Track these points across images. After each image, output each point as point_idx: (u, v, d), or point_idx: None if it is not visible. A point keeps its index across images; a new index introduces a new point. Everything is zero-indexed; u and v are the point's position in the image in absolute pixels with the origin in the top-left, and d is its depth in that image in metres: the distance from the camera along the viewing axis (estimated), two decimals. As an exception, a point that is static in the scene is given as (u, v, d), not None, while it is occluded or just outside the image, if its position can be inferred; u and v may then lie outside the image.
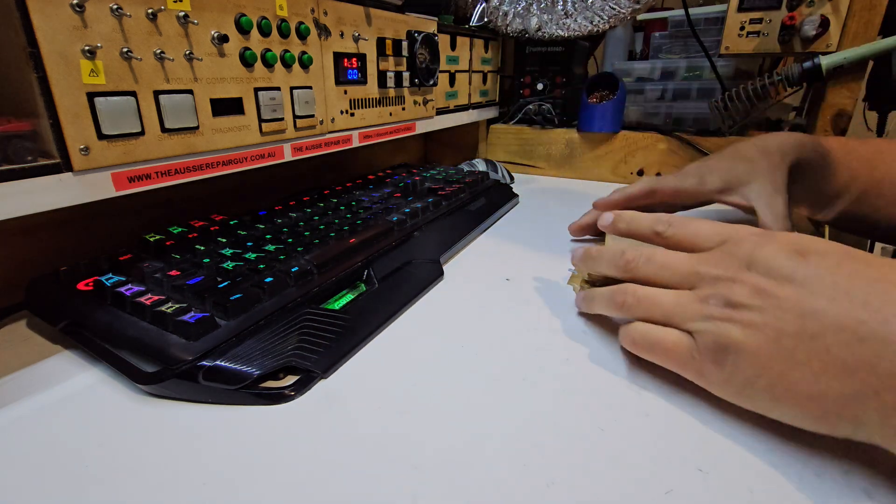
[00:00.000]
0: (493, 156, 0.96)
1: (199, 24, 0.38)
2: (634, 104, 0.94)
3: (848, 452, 0.25)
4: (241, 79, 0.42)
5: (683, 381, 0.30)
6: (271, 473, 0.24)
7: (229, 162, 0.42)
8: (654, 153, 0.83)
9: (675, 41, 0.94)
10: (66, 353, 0.35)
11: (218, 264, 0.38)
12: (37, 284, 0.38)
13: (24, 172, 0.30)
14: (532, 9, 0.80)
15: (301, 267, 0.38)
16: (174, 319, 0.31)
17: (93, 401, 0.30)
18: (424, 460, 0.25)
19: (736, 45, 0.75)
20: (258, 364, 0.30)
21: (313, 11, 0.48)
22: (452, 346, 0.35)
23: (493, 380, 0.32)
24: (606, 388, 0.31)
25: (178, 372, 0.29)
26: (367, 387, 0.31)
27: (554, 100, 0.92)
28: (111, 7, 0.32)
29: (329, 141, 0.53)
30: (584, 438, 0.27)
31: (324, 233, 0.46)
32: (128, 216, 0.51)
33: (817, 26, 0.68)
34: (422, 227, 0.52)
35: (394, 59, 0.60)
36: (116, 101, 0.33)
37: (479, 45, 0.85)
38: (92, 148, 0.33)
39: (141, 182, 0.36)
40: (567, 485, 0.24)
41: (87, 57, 0.31)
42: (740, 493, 0.23)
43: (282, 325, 0.34)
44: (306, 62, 0.47)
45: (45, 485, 0.24)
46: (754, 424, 0.27)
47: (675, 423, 0.28)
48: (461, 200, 0.63)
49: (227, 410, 0.29)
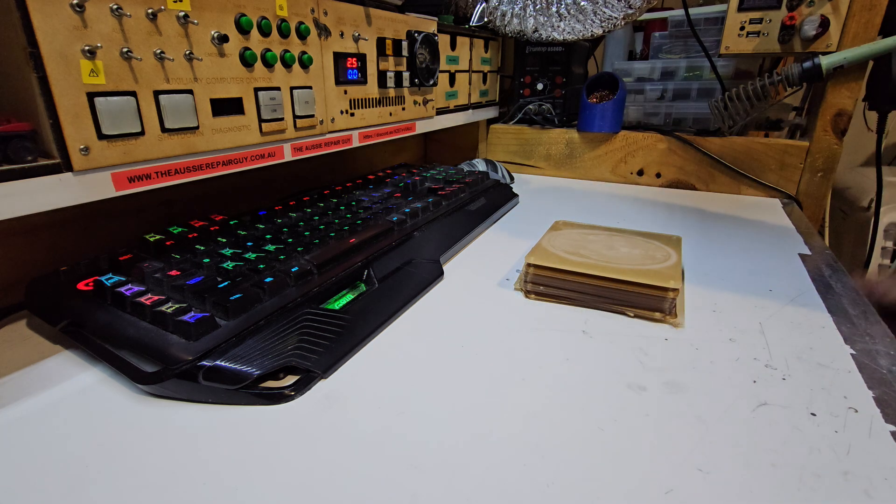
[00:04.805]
0: (493, 156, 0.96)
1: (199, 24, 0.38)
2: (634, 104, 0.94)
3: (848, 452, 0.25)
4: (241, 79, 0.42)
5: (683, 382, 0.30)
6: (271, 473, 0.24)
7: (229, 162, 0.42)
8: (654, 153, 0.83)
9: (675, 41, 0.94)
10: (66, 353, 0.35)
11: (218, 264, 0.38)
12: (37, 284, 0.38)
13: (24, 172, 0.30)
14: (528, 10, 0.80)
15: (301, 267, 0.38)
16: (174, 319, 0.31)
17: (93, 401, 0.30)
18: (424, 460, 0.25)
19: (736, 45, 0.75)
20: (258, 364, 0.30)
21: (313, 11, 0.48)
22: (452, 346, 0.35)
23: (492, 380, 0.32)
24: (606, 388, 0.31)
25: (178, 372, 0.29)
26: (366, 387, 0.31)
27: (554, 100, 0.92)
28: (111, 7, 0.32)
29: (329, 141, 0.53)
30: (584, 438, 0.27)
31: (324, 233, 0.46)
32: (128, 216, 0.51)
33: (817, 26, 0.68)
34: (422, 227, 0.52)
35: (394, 59, 0.60)
36: (116, 101, 0.33)
37: (478, 45, 0.85)
38: (92, 148, 0.33)
39: (141, 182, 0.36)
40: (567, 485, 0.24)
41: (87, 57, 0.31)
42: (740, 493, 0.23)
43: (282, 325, 0.34)
44: (306, 62, 0.47)
45: (46, 484, 0.24)
46: (754, 424, 0.27)
47: (675, 423, 0.28)
48: (461, 200, 0.63)
49: (227, 410, 0.29)
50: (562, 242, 0.46)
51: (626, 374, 0.32)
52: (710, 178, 0.81)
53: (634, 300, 0.39)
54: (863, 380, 0.31)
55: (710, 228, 0.62)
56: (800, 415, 0.28)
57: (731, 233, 0.60)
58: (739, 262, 0.51)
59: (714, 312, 0.40)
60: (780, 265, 0.50)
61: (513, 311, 0.41)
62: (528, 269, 0.42)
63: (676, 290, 0.38)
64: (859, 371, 0.32)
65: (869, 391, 0.30)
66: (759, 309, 0.41)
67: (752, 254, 0.53)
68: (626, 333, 0.37)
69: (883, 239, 1.01)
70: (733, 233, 0.60)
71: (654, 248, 0.45)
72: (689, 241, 0.56)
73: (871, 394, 0.30)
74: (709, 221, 0.65)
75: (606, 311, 0.40)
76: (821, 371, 0.32)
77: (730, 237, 0.59)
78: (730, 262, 0.51)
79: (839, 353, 0.35)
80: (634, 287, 0.39)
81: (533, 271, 0.42)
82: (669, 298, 0.38)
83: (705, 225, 0.63)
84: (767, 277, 0.47)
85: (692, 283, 0.46)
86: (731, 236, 0.59)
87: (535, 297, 0.43)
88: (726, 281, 0.46)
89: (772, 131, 0.88)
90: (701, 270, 0.49)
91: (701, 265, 0.50)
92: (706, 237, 0.59)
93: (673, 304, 0.38)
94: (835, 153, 0.73)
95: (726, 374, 0.32)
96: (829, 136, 0.72)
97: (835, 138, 0.72)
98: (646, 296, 0.39)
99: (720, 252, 0.54)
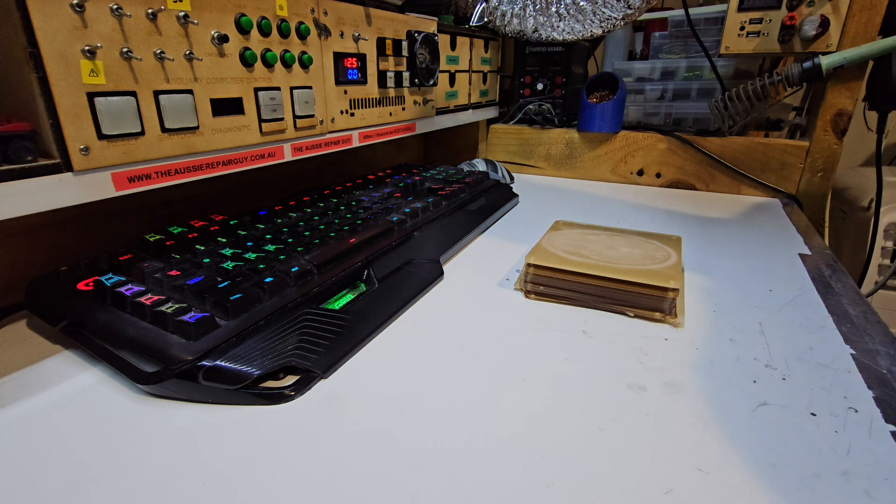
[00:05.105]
0: (493, 156, 0.96)
1: (199, 24, 0.38)
2: (634, 104, 0.94)
3: (848, 452, 0.25)
4: (241, 79, 0.42)
5: (683, 382, 0.30)
6: (271, 473, 0.24)
7: (229, 162, 0.42)
8: (654, 153, 0.83)
9: (675, 41, 0.94)
10: (66, 353, 0.35)
11: (218, 264, 0.38)
12: (37, 284, 0.38)
13: (24, 172, 0.30)
14: (528, 10, 0.80)
15: (301, 267, 0.38)
16: (174, 319, 0.31)
17: (93, 401, 0.30)
18: (424, 460, 0.25)
19: (736, 45, 0.75)
20: (258, 364, 0.30)
21: (313, 11, 0.48)
22: (452, 346, 0.35)
23: (492, 380, 0.32)
24: (606, 388, 0.31)
25: (178, 372, 0.29)
26: (366, 387, 0.31)
27: (554, 100, 0.92)
28: (111, 7, 0.32)
29: (329, 141, 0.53)
30: (584, 438, 0.27)
31: (324, 233, 0.46)
32: (128, 216, 0.51)
33: (817, 26, 0.68)
34: (422, 227, 0.52)
35: (394, 59, 0.60)
36: (116, 101, 0.33)
37: (478, 45, 0.85)
38: (92, 148, 0.33)
39: (141, 182, 0.36)
40: (567, 485, 0.24)
41: (87, 57, 0.31)
42: (740, 493, 0.23)
43: (282, 325, 0.34)
44: (306, 62, 0.47)
45: (46, 484, 0.24)
46: (754, 424, 0.27)
47: (675, 423, 0.28)
48: (461, 200, 0.63)
49: (227, 410, 0.29)
50: (562, 242, 0.46)
51: (626, 374, 0.32)
52: (710, 178, 0.81)
53: (634, 300, 0.39)
54: (863, 380, 0.31)
55: (710, 228, 0.62)
56: (800, 415, 0.28)
57: (731, 233, 0.60)
58: (739, 262, 0.51)
59: (714, 312, 0.41)
60: (780, 265, 0.50)
61: (513, 311, 0.41)
62: (528, 269, 0.42)
63: (676, 290, 0.38)
64: (859, 371, 0.32)
65: (869, 391, 0.30)
66: (759, 309, 0.41)
67: (751, 254, 0.53)
68: (626, 333, 0.37)
69: (883, 239, 1.01)
70: (733, 233, 0.60)
71: (654, 248, 0.45)
72: (689, 241, 0.57)
73: (871, 394, 0.30)
74: (709, 221, 0.65)
75: (606, 311, 0.40)
76: (821, 371, 0.32)
77: (730, 237, 0.59)
78: (730, 262, 0.51)
79: (839, 353, 0.35)
80: (634, 287, 0.39)
81: (533, 271, 0.42)
82: (669, 298, 0.38)
83: (705, 225, 0.63)
84: (767, 277, 0.47)
85: (692, 283, 0.46)
86: (731, 236, 0.59)
87: (535, 297, 0.43)
88: (726, 281, 0.46)
89: (772, 131, 0.88)
90: (701, 270, 0.49)
91: (701, 265, 0.50)
92: (706, 237, 0.59)
93: (673, 304, 0.38)
94: (835, 153, 0.73)
95: (726, 374, 0.32)
96: (829, 136, 0.72)
97: (835, 138, 0.72)
98: (646, 296, 0.39)
99: (720, 252, 0.54)
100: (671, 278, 0.38)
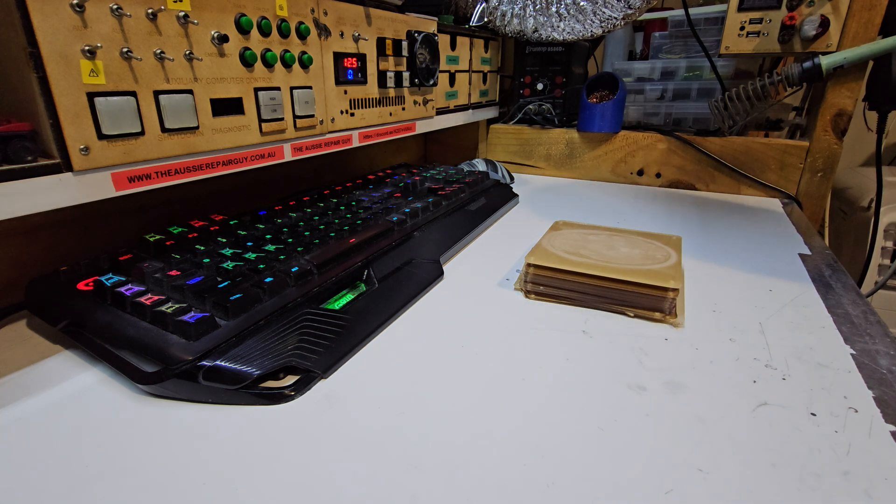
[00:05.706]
0: (493, 156, 0.96)
1: (199, 24, 0.38)
2: (634, 104, 0.94)
3: (848, 452, 0.25)
4: (241, 79, 0.42)
5: (683, 382, 0.30)
6: (271, 473, 0.24)
7: (229, 162, 0.42)
8: (654, 153, 0.83)
9: (675, 41, 0.94)
10: (66, 353, 0.35)
11: (218, 264, 0.38)
12: (37, 284, 0.38)
13: (24, 172, 0.30)
14: (528, 10, 0.80)
15: (301, 267, 0.38)
16: (174, 319, 0.31)
17: (93, 401, 0.30)
18: (424, 460, 0.25)
19: (736, 45, 0.75)
20: (258, 364, 0.30)
21: (313, 11, 0.48)
22: (452, 345, 0.35)
23: (492, 380, 0.32)
24: (606, 388, 0.31)
25: (178, 372, 0.29)
26: (366, 387, 0.31)
27: (554, 100, 0.92)
28: (111, 7, 0.32)
29: (329, 141, 0.53)
30: (584, 438, 0.27)
31: (324, 233, 0.46)
32: (128, 216, 0.51)
33: (817, 26, 0.68)
34: (422, 226, 0.52)
35: (394, 59, 0.60)
36: (116, 101, 0.33)
37: (478, 45, 0.85)
38: (92, 148, 0.33)
39: (141, 182, 0.36)
40: (567, 485, 0.24)
41: (87, 57, 0.31)
42: (740, 493, 0.23)
43: (282, 325, 0.34)
44: (306, 62, 0.47)
45: (46, 484, 0.24)
46: (754, 424, 0.27)
47: (675, 423, 0.28)
48: (461, 200, 0.63)
49: (227, 410, 0.29)
50: (562, 242, 0.46)
51: (626, 374, 0.32)
52: (710, 178, 0.81)
53: (634, 300, 0.39)
54: (863, 380, 0.31)
55: (710, 228, 0.62)
56: (800, 415, 0.28)
57: (731, 233, 0.60)
58: (739, 262, 0.51)
59: (714, 312, 0.40)
60: (780, 265, 0.50)
61: (513, 311, 0.41)
62: (528, 269, 0.42)
63: (676, 290, 0.38)
64: (859, 371, 0.32)
65: (869, 391, 0.30)
66: (759, 309, 0.41)
67: (751, 254, 0.53)
68: (626, 333, 0.37)
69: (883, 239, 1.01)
70: (733, 233, 0.60)
71: (654, 248, 0.45)
72: (689, 242, 0.57)
73: (871, 394, 0.30)
74: (709, 221, 0.65)
75: (606, 311, 0.40)
76: (821, 371, 0.32)
77: (730, 237, 0.59)
78: (730, 262, 0.51)
79: (839, 353, 0.35)
80: (634, 287, 0.39)
81: (533, 271, 0.42)
82: (669, 298, 0.38)
83: (705, 225, 0.63)
84: (767, 277, 0.47)
85: (692, 283, 0.46)
86: (731, 236, 0.59)
87: (535, 297, 0.43)
88: (726, 281, 0.46)
89: (772, 131, 0.88)
90: (701, 270, 0.49)
91: (701, 265, 0.50)
92: (706, 237, 0.59)
93: (673, 304, 0.38)
94: (835, 153, 0.73)
95: (726, 374, 0.32)
96: (829, 136, 0.72)
97: (835, 138, 0.72)
98: (646, 296, 0.39)
99: (720, 252, 0.54)
100: (671, 278, 0.38)
